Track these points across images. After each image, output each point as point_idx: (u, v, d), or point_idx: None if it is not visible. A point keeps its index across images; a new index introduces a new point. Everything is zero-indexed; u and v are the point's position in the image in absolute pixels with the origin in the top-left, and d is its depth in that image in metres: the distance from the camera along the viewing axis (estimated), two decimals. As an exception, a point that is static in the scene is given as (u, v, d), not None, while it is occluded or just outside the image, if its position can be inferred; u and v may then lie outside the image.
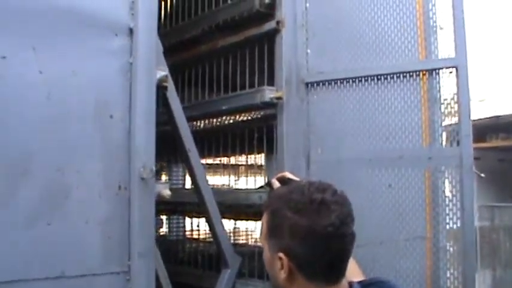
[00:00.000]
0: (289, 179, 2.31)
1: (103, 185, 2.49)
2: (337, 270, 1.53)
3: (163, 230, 5.50)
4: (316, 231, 1.45)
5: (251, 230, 5.01)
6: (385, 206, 3.11)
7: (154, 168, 2.56)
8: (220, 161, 5.02)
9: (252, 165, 4.97)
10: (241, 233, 4.39)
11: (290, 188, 1.58)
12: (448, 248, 3.16)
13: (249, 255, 3.57)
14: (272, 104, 3.21)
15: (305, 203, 1.48)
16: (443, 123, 3.21)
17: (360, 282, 1.67)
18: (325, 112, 3.25)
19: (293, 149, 3.20)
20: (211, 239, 3.54)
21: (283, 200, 1.52)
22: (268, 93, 3.17)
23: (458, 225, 3.03)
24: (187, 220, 5.14)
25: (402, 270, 3.17)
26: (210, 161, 5.21)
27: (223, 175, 5.32)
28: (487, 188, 8.17)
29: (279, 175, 2.45)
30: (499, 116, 7.82)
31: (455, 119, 3.07)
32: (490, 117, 8.00)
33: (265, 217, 1.60)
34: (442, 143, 3.17)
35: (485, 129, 7.99)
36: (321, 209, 1.46)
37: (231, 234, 4.11)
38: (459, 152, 2.99)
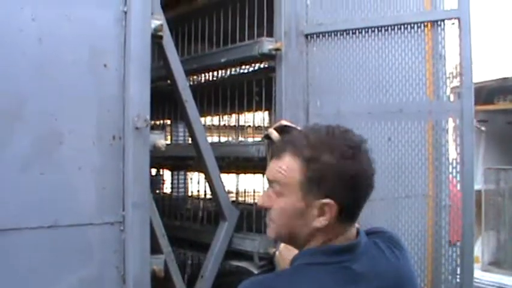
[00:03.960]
0: (287, 126, 2.24)
1: (96, 133, 2.47)
2: (360, 210, 1.56)
3: (167, 187, 5.50)
4: (360, 175, 1.49)
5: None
6: (385, 159, 3.07)
7: (148, 118, 2.53)
8: (224, 122, 4.96)
9: (258, 127, 4.92)
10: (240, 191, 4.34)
11: (321, 134, 1.55)
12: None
13: (248, 211, 3.56)
14: (271, 56, 3.16)
15: (349, 147, 1.49)
16: (446, 78, 3.15)
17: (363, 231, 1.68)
18: (325, 64, 3.19)
19: (292, 101, 3.15)
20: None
21: (323, 147, 1.51)
22: (267, 45, 3.11)
23: (459, 179, 3.00)
24: (190, 178, 5.11)
25: (403, 227, 3.15)
26: (215, 121, 5.17)
27: (229, 137, 5.26)
28: (494, 151, 8.10)
29: (276, 124, 2.40)
30: (507, 78, 7.71)
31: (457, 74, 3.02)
32: (497, 79, 7.88)
33: (296, 166, 1.54)
34: (443, 97, 3.12)
35: (493, 92, 7.89)
36: (358, 153, 1.50)
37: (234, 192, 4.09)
38: (460, 106, 2.94)
